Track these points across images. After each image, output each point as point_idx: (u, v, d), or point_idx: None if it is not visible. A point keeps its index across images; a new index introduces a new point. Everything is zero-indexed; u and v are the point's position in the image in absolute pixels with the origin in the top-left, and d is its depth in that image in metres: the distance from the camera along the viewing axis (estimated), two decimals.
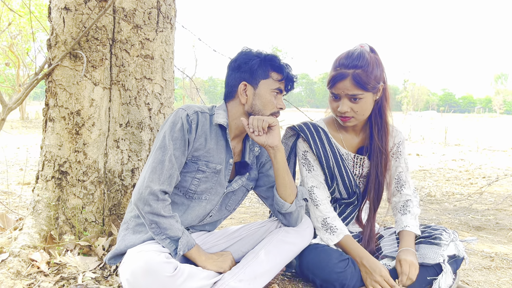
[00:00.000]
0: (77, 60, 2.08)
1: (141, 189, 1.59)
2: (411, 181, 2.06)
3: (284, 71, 1.74)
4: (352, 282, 1.74)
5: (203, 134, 1.72)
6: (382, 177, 1.97)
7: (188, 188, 1.74)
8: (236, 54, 1.80)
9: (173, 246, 1.61)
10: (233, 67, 1.76)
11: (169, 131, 1.65)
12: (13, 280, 1.76)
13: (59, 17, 2.10)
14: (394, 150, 2.03)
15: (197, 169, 1.73)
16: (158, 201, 1.58)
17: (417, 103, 74.53)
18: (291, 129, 2.05)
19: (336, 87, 1.80)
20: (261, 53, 1.76)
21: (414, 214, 1.97)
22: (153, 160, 1.63)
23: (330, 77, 1.83)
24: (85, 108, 2.09)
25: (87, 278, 1.84)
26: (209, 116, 1.76)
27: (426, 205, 4.09)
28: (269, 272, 1.71)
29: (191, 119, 1.68)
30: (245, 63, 1.73)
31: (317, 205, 1.93)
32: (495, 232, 3.13)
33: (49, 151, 2.14)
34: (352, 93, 1.78)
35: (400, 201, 2.02)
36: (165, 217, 1.59)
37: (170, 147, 1.63)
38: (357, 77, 1.75)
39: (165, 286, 1.45)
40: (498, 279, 2.16)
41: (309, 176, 1.98)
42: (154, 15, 2.21)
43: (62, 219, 2.12)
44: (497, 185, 5.26)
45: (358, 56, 1.78)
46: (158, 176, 1.60)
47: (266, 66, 1.73)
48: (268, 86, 1.73)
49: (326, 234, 1.88)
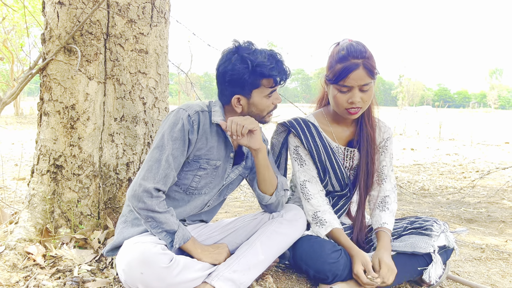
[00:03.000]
0: (72, 55, 2.09)
1: (135, 186, 1.61)
2: (393, 177, 2.09)
3: (274, 77, 1.69)
4: (345, 273, 1.77)
5: (204, 133, 1.73)
6: (372, 168, 2.00)
7: (189, 185, 1.78)
8: (223, 59, 1.72)
9: (169, 239, 1.63)
10: (223, 79, 1.72)
11: (168, 131, 1.66)
12: (9, 273, 1.77)
13: (53, 12, 2.10)
14: (382, 144, 2.06)
15: (199, 167, 1.76)
16: (152, 198, 1.60)
17: (412, 98, 74.71)
18: (281, 125, 2.07)
19: (350, 77, 1.77)
20: (248, 61, 1.66)
21: (392, 211, 1.99)
22: (150, 158, 1.64)
23: (340, 69, 1.78)
24: (80, 102, 2.10)
25: (83, 271, 1.86)
26: (208, 114, 1.77)
27: (419, 199, 4.14)
28: (263, 263, 1.73)
29: (193, 120, 1.69)
30: (236, 79, 1.68)
31: (309, 199, 1.96)
32: (486, 224, 3.18)
33: (44, 145, 2.15)
34: (365, 82, 1.79)
35: (379, 196, 2.03)
36: (160, 212, 1.61)
37: (169, 147, 1.64)
38: (367, 65, 1.78)
39: (160, 277, 1.47)
40: (488, 270, 2.20)
41: (301, 171, 2.01)
42: (148, 9, 2.22)
43: (57, 213, 2.13)
44: (489, 178, 5.32)
45: (362, 46, 1.81)
46: (154, 175, 1.61)
47: (256, 76, 1.67)
48: (261, 94, 1.73)
49: (316, 227, 1.92)
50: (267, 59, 1.68)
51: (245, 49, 1.69)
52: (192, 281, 1.55)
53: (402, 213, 3.45)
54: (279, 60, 1.71)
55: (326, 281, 1.78)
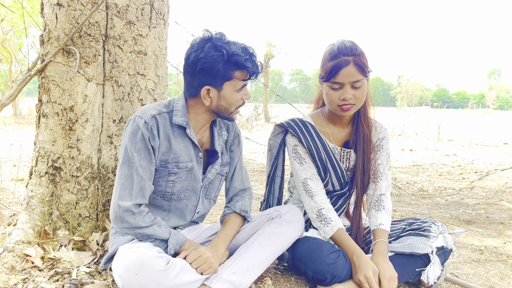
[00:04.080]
0: (70, 56, 2.08)
1: (114, 208, 1.59)
2: (389, 176, 2.09)
3: (249, 69, 1.63)
4: (343, 274, 1.77)
5: (166, 136, 1.67)
6: (368, 169, 2.00)
7: (165, 191, 1.74)
8: (195, 47, 1.62)
9: (164, 245, 1.63)
10: (194, 68, 1.63)
11: (130, 143, 1.60)
12: (7, 275, 1.77)
13: (51, 13, 2.10)
14: (377, 144, 2.07)
15: (168, 173, 1.70)
16: (134, 216, 1.58)
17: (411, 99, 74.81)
18: (279, 126, 2.08)
19: (340, 74, 1.81)
20: (223, 49, 1.59)
21: (388, 210, 1.99)
22: (121, 176, 1.61)
23: (331, 66, 1.83)
24: (79, 104, 2.10)
25: (81, 273, 1.85)
26: (167, 115, 1.69)
27: (418, 200, 4.14)
28: (261, 264, 1.73)
29: (151, 126, 1.62)
30: (209, 67, 1.59)
31: (312, 195, 1.96)
32: (485, 226, 3.18)
33: (43, 147, 2.15)
34: (356, 78, 1.82)
35: (374, 194, 2.03)
36: (146, 227, 1.60)
37: (135, 160, 1.59)
38: (358, 62, 1.81)
39: (157, 280, 1.46)
40: (487, 272, 2.20)
41: (301, 169, 2.01)
42: (147, 11, 2.22)
43: (56, 215, 2.13)
44: (488, 180, 5.32)
45: (353, 44, 1.86)
46: (129, 192, 1.58)
47: (230, 65, 1.60)
48: (233, 87, 1.66)
49: (320, 225, 1.91)
50: (241, 51, 1.62)
51: (218, 39, 1.62)
52: (190, 284, 1.55)
53: (400, 214, 3.45)
54: (252, 53, 1.66)
55: (324, 282, 1.78)
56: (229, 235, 1.80)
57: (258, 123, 15.87)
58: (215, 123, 1.84)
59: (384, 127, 2.10)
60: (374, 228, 1.93)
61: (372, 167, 2.03)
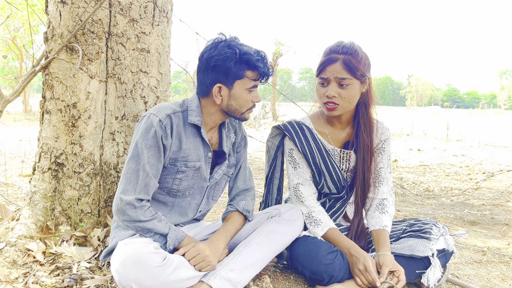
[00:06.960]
0: (74, 53, 2.10)
1: (117, 201, 1.61)
2: (391, 180, 2.08)
3: (259, 69, 1.68)
4: (340, 274, 1.77)
5: (178, 135, 1.70)
6: (368, 171, 1.99)
7: (171, 188, 1.77)
8: (209, 47, 1.70)
9: (163, 240, 1.65)
10: (207, 66, 1.68)
11: (142, 139, 1.63)
12: (9, 269, 1.80)
13: (55, 10, 2.12)
14: (379, 146, 2.05)
15: (176, 171, 1.73)
16: (135, 209, 1.60)
17: (421, 98, 74.18)
18: (276, 128, 2.09)
19: (326, 70, 1.85)
20: (236, 48, 1.65)
21: (391, 215, 1.99)
22: (127, 170, 1.63)
23: (321, 62, 1.88)
24: (81, 100, 2.12)
25: (82, 268, 1.87)
26: (181, 114, 1.73)
27: (423, 200, 4.11)
28: (260, 262, 1.74)
29: (165, 124, 1.65)
30: (222, 64, 1.65)
31: (303, 201, 1.98)
32: (489, 227, 3.15)
33: (46, 143, 2.17)
34: (341, 76, 1.82)
35: (376, 198, 2.03)
36: (146, 221, 1.62)
37: (144, 156, 1.62)
38: (347, 61, 1.82)
39: (154, 276, 1.47)
40: (488, 273, 2.18)
41: (295, 174, 2.02)
42: (150, 8, 2.23)
43: (58, 210, 2.15)
44: (495, 180, 5.27)
45: (349, 44, 1.87)
46: (133, 187, 1.61)
47: (242, 65, 1.66)
48: (243, 86, 1.70)
49: (310, 227, 1.92)
50: (253, 52, 1.68)
51: (232, 40, 1.69)
52: (187, 280, 1.56)
53: (404, 214, 3.43)
54: (264, 56, 1.71)
55: (322, 283, 1.78)
56: (230, 232, 1.81)
57: (266, 122, 15.87)
58: (223, 125, 1.88)
59: (386, 128, 2.08)
60: (378, 228, 1.92)
61: (372, 169, 2.01)
